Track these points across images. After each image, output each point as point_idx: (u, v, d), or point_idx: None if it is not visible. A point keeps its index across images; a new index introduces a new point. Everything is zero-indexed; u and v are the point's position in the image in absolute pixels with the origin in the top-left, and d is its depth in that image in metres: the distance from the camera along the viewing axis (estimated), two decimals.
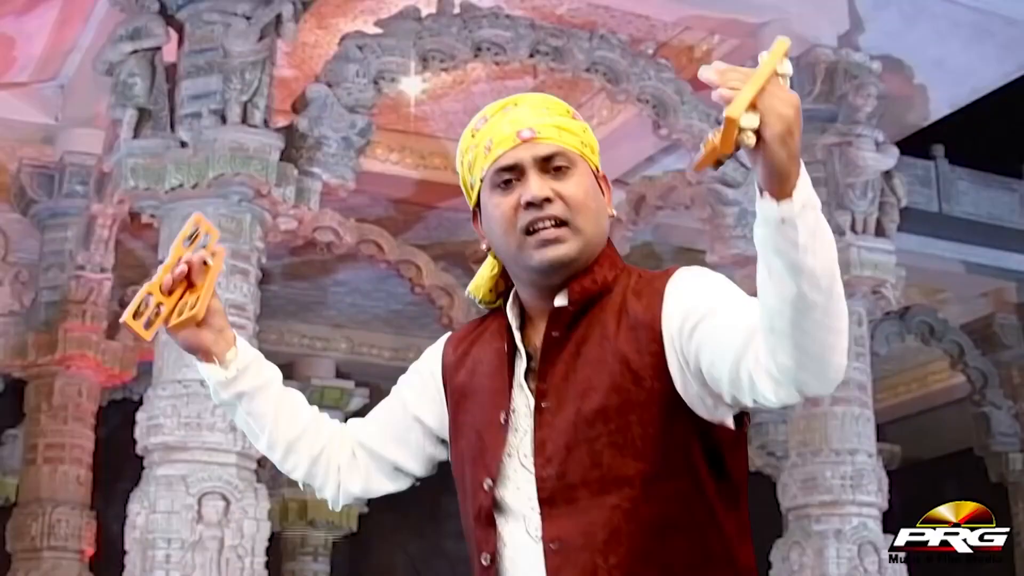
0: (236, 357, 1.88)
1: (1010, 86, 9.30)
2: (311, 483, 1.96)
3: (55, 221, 9.59)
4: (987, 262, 11.42)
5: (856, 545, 7.85)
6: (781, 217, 1.49)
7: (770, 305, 1.53)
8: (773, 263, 1.51)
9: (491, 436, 1.75)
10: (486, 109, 1.84)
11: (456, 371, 1.85)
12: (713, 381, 1.64)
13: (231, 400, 1.89)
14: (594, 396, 1.69)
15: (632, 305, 1.73)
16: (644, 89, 8.25)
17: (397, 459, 1.93)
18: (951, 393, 13.50)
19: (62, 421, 9.34)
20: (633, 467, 1.66)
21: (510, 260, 1.79)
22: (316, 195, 7.26)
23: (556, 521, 1.67)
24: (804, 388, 1.55)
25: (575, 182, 1.76)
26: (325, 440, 1.95)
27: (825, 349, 1.52)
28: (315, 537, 13.67)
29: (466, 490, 1.80)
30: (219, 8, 7.15)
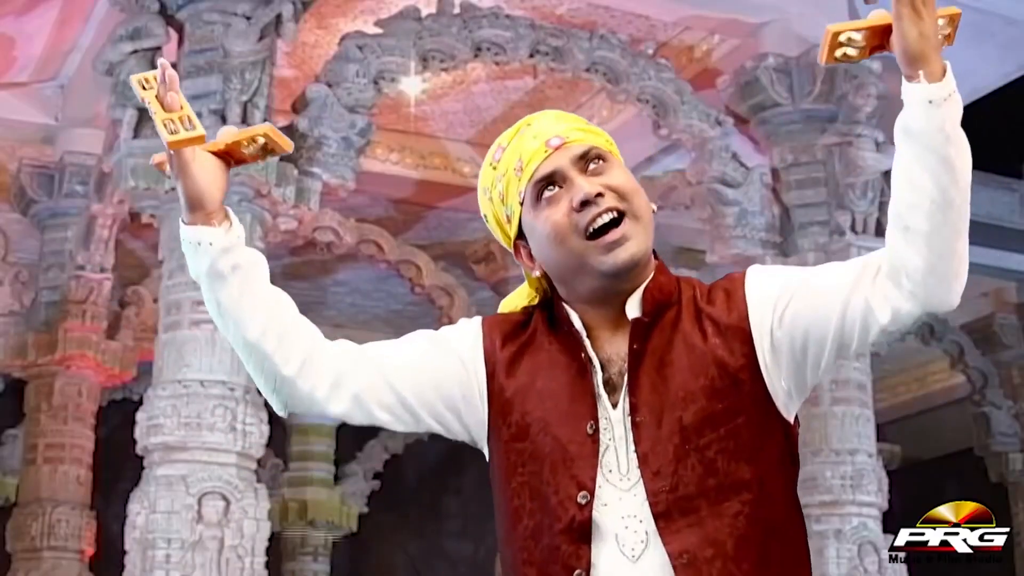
0: (233, 224, 1.74)
1: (1010, 86, 9.30)
2: (300, 383, 1.76)
3: (55, 221, 9.59)
4: (987, 262, 11.41)
5: (856, 545, 7.85)
6: (929, 98, 1.54)
7: (907, 201, 1.57)
8: (916, 151, 1.55)
9: (578, 447, 1.68)
10: (499, 139, 1.82)
11: (509, 368, 1.77)
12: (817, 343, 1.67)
13: (226, 270, 1.72)
14: (695, 404, 1.67)
15: (710, 311, 1.73)
16: (644, 89, 8.25)
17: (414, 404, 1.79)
18: (951, 393, 13.50)
19: (62, 421, 9.34)
20: (748, 471, 1.66)
21: (573, 271, 1.73)
22: (316, 195, 7.26)
23: (678, 535, 1.63)
24: (931, 296, 1.60)
25: (618, 173, 1.75)
26: (319, 340, 1.79)
27: (955, 254, 1.58)
28: (315, 537, 13.67)
29: (541, 500, 1.69)
30: (219, 8, 7.14)
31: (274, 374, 1.77)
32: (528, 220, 1.77)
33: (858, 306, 1.64)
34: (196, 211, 1.73)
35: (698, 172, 8.42)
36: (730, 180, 8.32)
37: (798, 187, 8.38)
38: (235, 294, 1.74)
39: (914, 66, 1.55)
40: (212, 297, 1.76)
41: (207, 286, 1.76)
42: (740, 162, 8.43)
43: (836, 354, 1.70)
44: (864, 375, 8.25)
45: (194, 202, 1.72)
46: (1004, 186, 11.55)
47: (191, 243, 1.74)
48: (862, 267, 1.66)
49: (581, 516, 1.66)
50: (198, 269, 1.75)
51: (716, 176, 8.30)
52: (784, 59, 8.31)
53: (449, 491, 14.85)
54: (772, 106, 8.36)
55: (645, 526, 1.65)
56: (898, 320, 1.63)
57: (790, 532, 1.72)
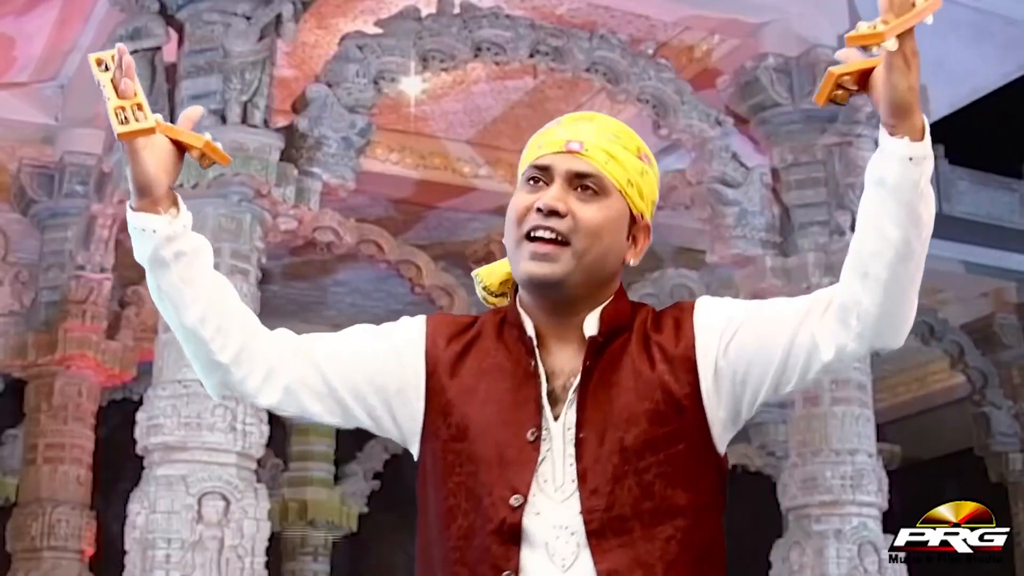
0: (180, 213, 1.75)
1: (1010, 86, 9.30)
2: (234, 369, 1.79)
3: (55, 221, 9.59)
4: (987, 262, 11.42)
5: (856, 545, 7.85)
6: (909, 155, 1.57)
7: (870, 248, 1.61)
8: (888, 203, 1.59)
9: (516, 452, 1.71)
10: (565, 116, 1.85)
11: (452, 368, 1.79)
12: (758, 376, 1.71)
13: (169, 258, 1.74)
14: (638, 426, 1.69)
15: (658, 339, 1.75)
16: (644, 89, 8.25)
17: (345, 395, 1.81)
18: (951, 393, 13.50)
19: (62, 421, 9.34)
20: (684, 497, 1.69)
21: (510, 258, 1.79)
22: (316, 195, 7.26)
23: (609, 554, 1.65)
24: (878, 338, 1.65)
25: (596, 209, 1.75)
26: (257, 330, 1.81)
27: (908, 301, 1.64)
28: (315, 537, 13.67)
29: (475, 501, 1.72)
30: (219, 8, 7.15)
31: (209, 360, 1.79)
32: (515, 192, 1.81)
33: (804, 341, 1.68)
34: (144, 197, 1.74)
35: (698, 172, 8.42)
36: (730, 180, 8.32)
37: (798, 187, 8.39)
38: (175, 281, 1.76)
39: (899, 116, 1.57)
40: (153, 282, 1.78)
41: (149, 271, 1.77)
42: (740, 162, 8.43)
43: (774, 389, 1.72)
44: (864, 375, 8.25)
45: (142, 188, 1.73)
46: (1004, 186, 11.55)
47: (136, 229, 1.75)
48: (811, 303, 1.70)
49: (512, 518, 1.68)
50: (141, 254, 1.77)
51: (716, 176, 8.30)
52: (784, 59, 8.31)
53: None
54: (772, 106, 8.36)
55: (577, 539, 1.67)
56: (841, 358, 1.67)
57: (717, 562, 1.72)
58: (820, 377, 1.71)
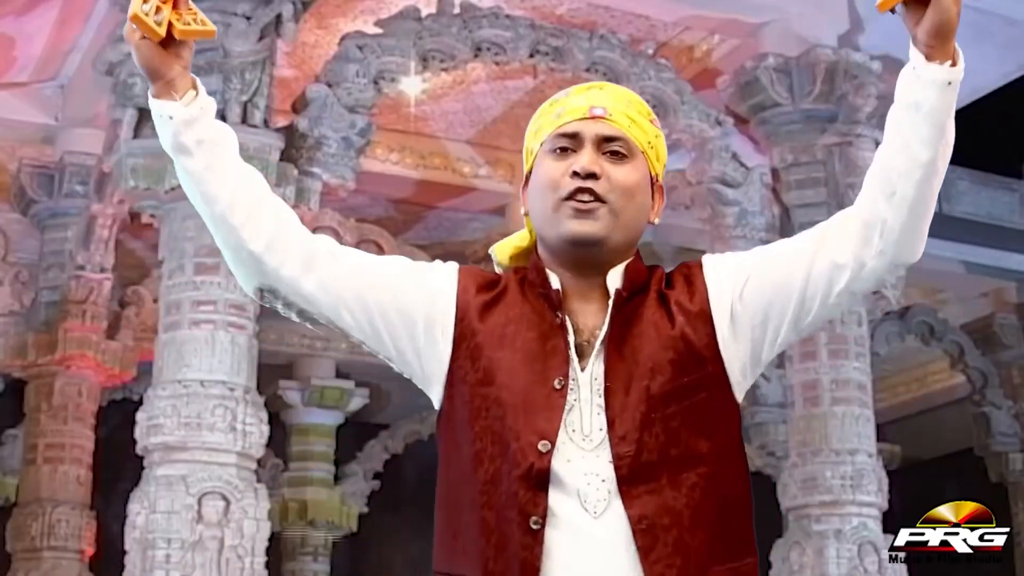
0: (198, 97, 1.74)
1: (1010, 86, 9.30)
2: (267, 258, 1.76)
3: (55, 221, 9.59)
4: (987, 262, 11.42)
5: (856, 545, 7.85)
6: (949, 80, 1.63)
7: (899, 169, 1.67)
8: (921, 126, 1.65)
9: (543, 399, 1.73)
10: (572, 87, 1.88)
11: (482, 314, 1.80)
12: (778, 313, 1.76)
13: (191, 145, 1.73)
14: (662, 375, 1.73)
15: (672, 296, 1.79)
16: (644, 89, 8.24)
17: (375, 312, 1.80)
18: (951, 393, 13.50)
19: (62, 421, 9.34)
20: (705, 445, 1.72)
21: (544, 223, 1.80)
22: (316, 195, 7.26)
23: (639, 499, 1.68)
24: (899, 253, 1.71)
25: (627, 170, 1.79)
26: (292, 221, 1.80)
27: (927, 219, 1.72)
28: (315, 537, 13.67)
29: (501, 445, 1.72)
30: (219, 8, 7.14)
31: (241, 248, 1.77)
32: (537, 162, 1.84)
33: (823, 267, 1.73)
34: (156, 80, 1.72)
35: (698, 172, 8.42)
36: (730, 180, 8.32)
37: (798, 187, 8.39)
38: (200, 168, 1.74)
39: (942, 39, 1.62)
40: (180, 170, 1.77)
41: (174, 159, 1.76)
42: (740, 162, 8.43)
43: (795, 323, 1.77)
44: (864, 375, 8.25)
45: (150, 71, 1.71)
46: (1004, 186, 11.55)
47: (156, 115, 1.74)
48: (825, 228, 1.77)
49: (540, 464, 1.69)
50: (164, 142, 1.76)
51: (716, 176, 8.30)
52: (784, 59, 8.31)
53: None
54: (772, 106, 8.36)
55: (608, 486, 1.69)
56: (861, 276, 1.72)
57: (742, 510, 1.76)
58: (844, 303, 1.75)
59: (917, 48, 1.65)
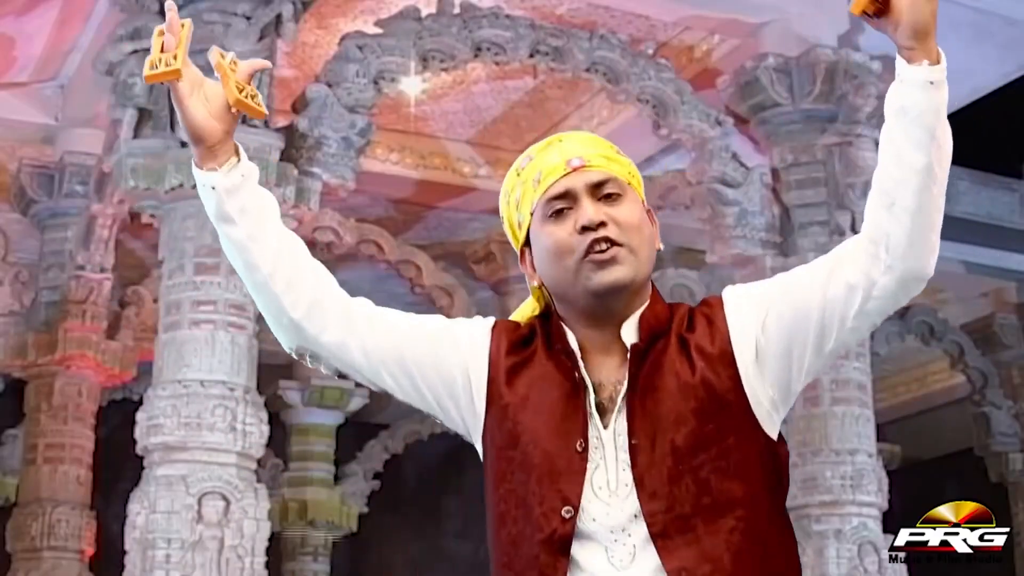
0: (240, 164, 1.77)
1: (1010, 86, 9.30)
2: (306, 325, 1.80)
3: (55, 221, 9.59)
4: (987, 262, 11.42)
5: (856, 545, 7.85)
6: (931, 79, 1.63)
7: (896, 177, 1.65)
8: (911, 130, 1.63)
9: (566, 462, 1.73)
10: (530, 149, 1.87)
11: (509, 377, 1.81)
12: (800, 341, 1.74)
13: (234, 214, 1.77)
14: (686, 426, 1.72)
15: (692, 339, 1.77)
16: (644, 89, 8.24)
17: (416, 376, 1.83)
18: (951, 393, 13.50)
19: (62, 421, 9.34)
20: (740, 488, 1.71)
21: (566, 287, 1.78)
22: (316, 195, 7.26)
23: (676, 552, 1.67)
24: (908, 268, 1.68)
25: (627, 208, 1.79)
26: (333, 288, 1.84)
27: (935, 228, 1.68)
28: (315, 537, 13.67)
29: (525, 509, 1.73)
30: (219, 8, 7.14)
31: (282, 315, 1.82)
32: (535, 231, 1.81)
33: (837, 292, 1.71)
34: (198, 145, 1.76)
35: (698, 172, 8.42)
36: (730, 180, 8.32)
37: (798, 187, 8.38)
38: (243, 236, 1.79)
39: (920, 39, 1.62)
40: (223, 237, 1.81)
41: (217, 227, 1.81)
42: (740, 162, 8.43)
43: (817, 351, 1.75)
44: (864, 375, 8.25)
45: (193, 137, 1.76)
46: (1004, 186, 11.54)
47: (200, 185, 1.78)
48: (838, 253, 1.74)
49: (563, 529, 1.70)
50: (208, 210, 1.79)
51: (716, 176, 8.30)
52: (784, 59, 8.31)
53: (449, 491, 14.85)
54: (772, 106, 8.36)
55: (633, 540, 1.70)
56: (873, 295, 1.70)
57: (783, 546, 1.75)
58: (863, 326, 1.73)
59: (900, 54, 1.64)
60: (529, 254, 1.85)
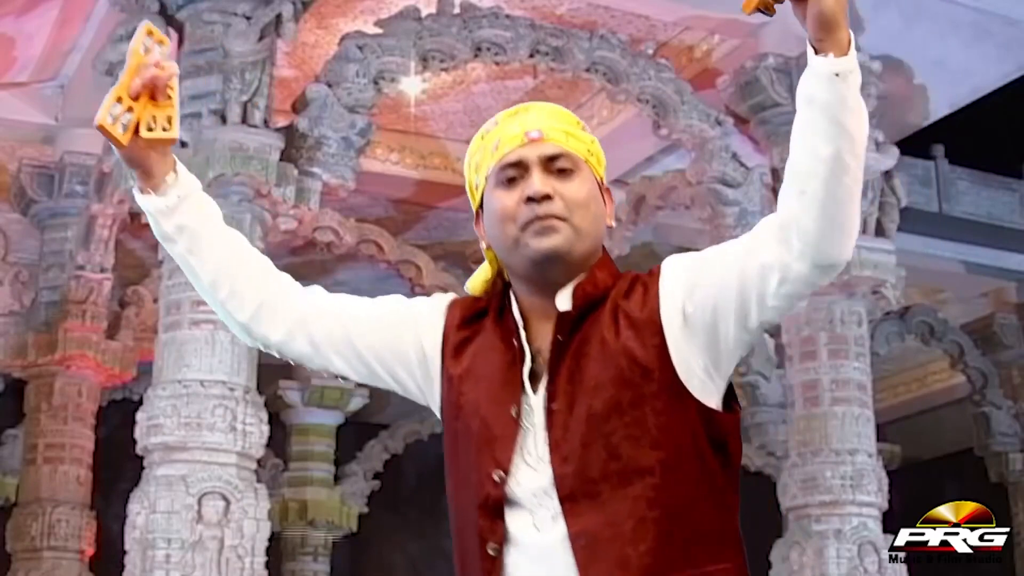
0: (176, 183, 1.81)
1: (1010, 86, 9.29)
2: (253, 327, 1.89)
3: (55, 221, 9.59)
4: (987, 262, 11.42)
5: (856, 545, 7.85)
6: (836, 71, 1.61)
7: (804, 166, 1.64)
8: (817, 120, 1.63)
9: (501, 428, 1.77)
10: (498, 115, 1.92)
11: (456, 351, 1.87)
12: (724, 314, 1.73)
13: (172, 233, 1.83)
14: (604, 393, 1.74)
15: (624, 306, 1.79)
16: (644, 89, 8.24)
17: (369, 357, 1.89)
18: (951, 393, 13.50)
19: (62, 421, 9.34)
20: (651, 456, 1.72)
21: (507, 254, 1.83)
22: (316, 195, 7.26)
23: (580, 517, 1.71)
24: (820, 255, 1.65)
25: (577, 184, 1.81)
26: (280, 287, 1.91)
27: (848, 216, 1.64)
28: (315, 537, 13.67)
29: (465, 476, 1.80)
30: (219, 8, 7.15)
31: (229, 318, 1.90)
32: (487, 196, 1.87)
33: (752, 271, 1.70)
34: (134, 169, 1.82)
35: (698, 172, 8.42)
36: (730, 180, 8.32)
37: None
38: (182, 251, 1.85)
39: (826, 30, 1.60)
40: (170, 253, 1.88)
41: (163, 244, 1.87)
42: (740, 162, 8.43)
43: (741, 325, 1.74)
44: (864, 375, 8.25)
45: (128, 163, 1.82)
46: (1004, 186, 11.54)
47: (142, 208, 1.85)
48: (756, 232, 1.74)
49: (495, 493, 1.75)
50: (153, 230, 1.86)
51: (716, 176, 8.30)
52: (784, 59, 8.31)
53: None
54: (772, 106, 8.35)
55: (555, 504, 1.73)
56: (788, 279, 1.68)
57: (701, 517, 1.74)
58: (783, 305, 1.71)
59: (808, 42, 1.64)
60: (482, 216, 1.90)
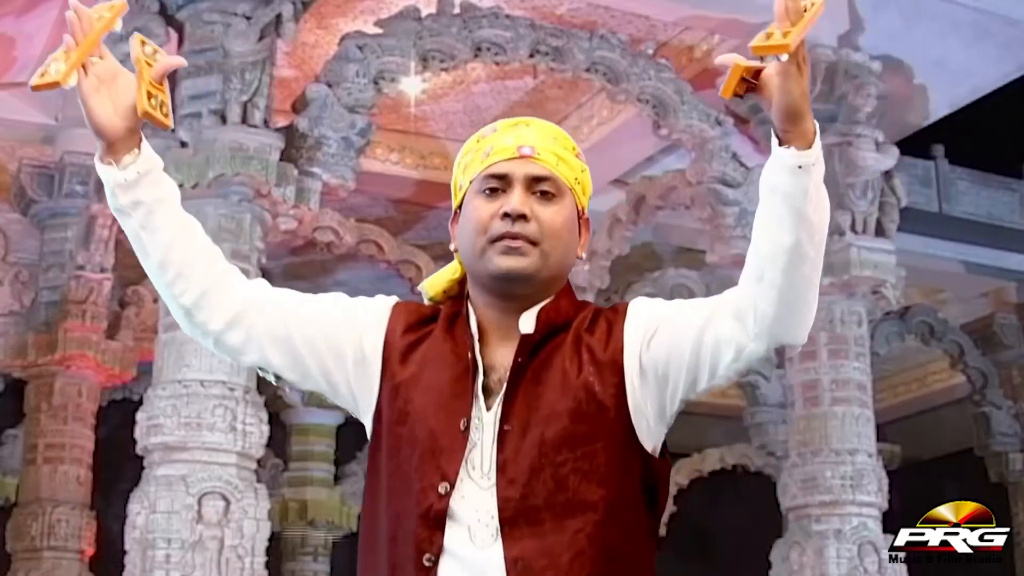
0: (137, 160, 1.78)
1: (1010, 86, 9.30)
2: (195, 312, 1.85)
3: (55, 221, 9.59)
4: (987, 262, 11.42)
5: (856, 545, 7.85)
6: (799, 164, 1.60)
7: (764, 253, 1.66)
8: (779, 210, 1.63)
9: (448, 441, 1.77)
10: (499, 122, 1.90)
11: (404, 356, 1.85)
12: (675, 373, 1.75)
13: (127, 207, 1.79)
14: (559, 423, 1.74)
15: (588, 341, 1.80)
16: (644, 89, 8.25)
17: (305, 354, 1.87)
18: (951, 393, 13.50)
19: (62, 421, 9.34)
20: (597, 493, 1.72)
21: (472, 263, 1.83)
22: (316, 195, 7.26)
23: (519, 541, 1.70)
24: (775, 338, 1.69)
25: (555, 211, 1.81)
26: (225, 277, 1.87)
27: (805, 303, 1.67)
28: (315, 537, 13.67)
29: (405, 483, 1.78)
30: (219, 8, 7.15)
31: (171, 301, 1.87)
32: (466, 200, 1.85)
33: (709, 343, 1.72)
34: (101, 138, 1.76)
35: (698, 172, 8.42)
36: (730, 180, 8.32)
37: None
38: (136, 228, 1.81)
39: (792, 121, 1.59)
40: (123, 227, 1.84)
41: (116, 216, 1.83)
42: (740, 162, 8.43)
43: (690, 386, 1.76)
44: (864, 375, 8.25)
45: (96, 133, 1.76)
46: (1004, 186, 11.54)
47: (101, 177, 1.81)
48: (716, 304, 1.75)
49: (439, 505, 1.74)
50: (109, 202, 1.82)
51: (716, 176, 8.30)
52: None
53: None
54: None
55: (495, 523, 1.72)
56: (742, 357, 1.71)
57: (633, 559, 1.75)
58: (732, 375, 1.75)
59: (774, 131, 1.62)
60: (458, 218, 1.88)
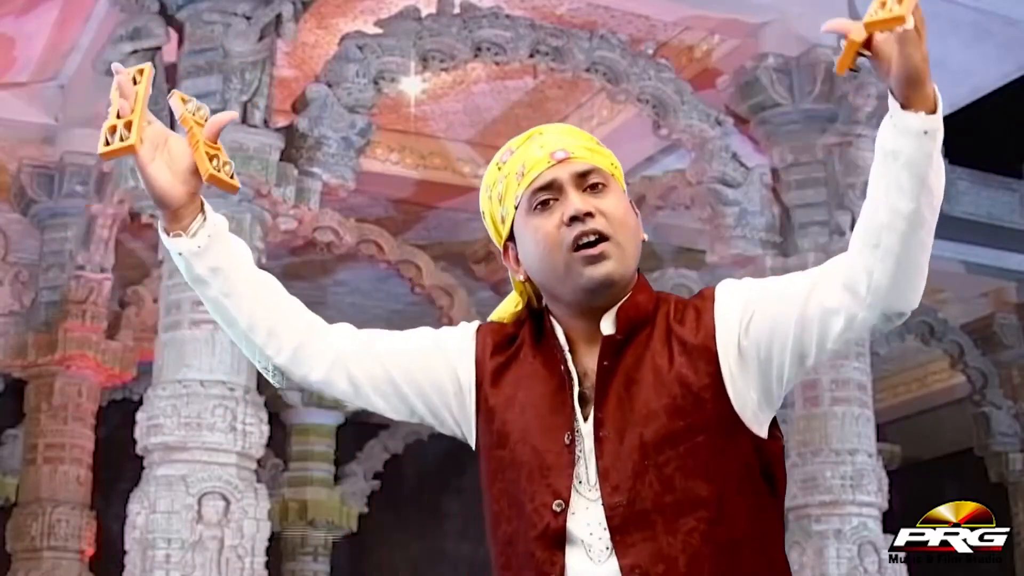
0: (204, 224, 1.74)
1: (1010, 86, 9.30)
2: (293, 369, 1.82)
3: (55, 221, 9.59)
4: (987, 262, 11.42)
5: (856, 545, 7.85)
6: (925, 129, 1.56)
7: (881, 221, 1.60)
8: (900, 176, 1.58)
9: (554, 457, 1.72)
10: (510, 143, 1.84)
11: (495, 378, 1.81)
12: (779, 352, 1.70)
13: (205, 275, 1.75)
14: (657, 421, 1.70)
15: (679, 331, 1.76)
16: (644, 89, 8.24)
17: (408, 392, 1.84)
18: (951, 393, 13.50)
19: (62, 421, 9.34)
20: (706, 489, 1.68)
21: (555, 282, 1.77)
22: (316, 195, 7.26)
23: (632, 549, 1.66)
24: (890, 306, 1.63)
25: (612, 200, 1.78)
26: (315, 326, 1.84)
27: (919, 269, 1.62)
28: (315, 537, 13.67)
29: (517, 507, 1.73)
30: (219, 8, 7.14)
31: (267, 362, 1.84)
32: (520, 225, 1.79)
33: (814, 316, 1.67)
34: (162, 210, 1.74)
35: (698, 172, 8.42)
36: (730, 180, 8.32)
37: (798, 187, 8.38)
38: (217, 295, 1.78)
39: (914, 87, 1.55)
40: (202, 297, 1.82)
41: (195, 288, 1.81)
42: (740, 162, 8.43)
43: (798, 363, 1.71)
44: (864, 375, 8.25)
45: (157, 202, 1.73)
46: (1004, 186, 11.55)
47: (169, 251, 1.78)
48: (820, 275, 1.70)
49: (556, 524, 1.69)
50: (183, 274, 1.79)
51: (716, 176, 8.30)
52: (784, 59, 8.31)
53: (449, 491, 14.85)
54: (772, 106, 8.36)
55: (607, 534, 1.68)
56: (853, 327, 1.66)
57: (754, 551, 1.71)
58: (841, 347, 1.70)
59: (894, 96, 1.58)
60: (513, 248, 1.83)
